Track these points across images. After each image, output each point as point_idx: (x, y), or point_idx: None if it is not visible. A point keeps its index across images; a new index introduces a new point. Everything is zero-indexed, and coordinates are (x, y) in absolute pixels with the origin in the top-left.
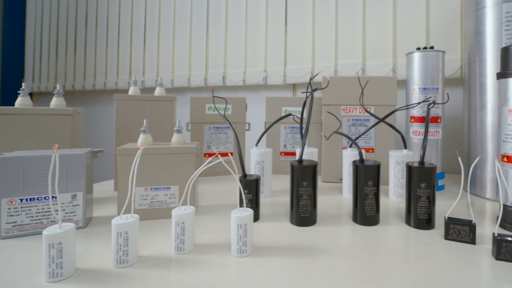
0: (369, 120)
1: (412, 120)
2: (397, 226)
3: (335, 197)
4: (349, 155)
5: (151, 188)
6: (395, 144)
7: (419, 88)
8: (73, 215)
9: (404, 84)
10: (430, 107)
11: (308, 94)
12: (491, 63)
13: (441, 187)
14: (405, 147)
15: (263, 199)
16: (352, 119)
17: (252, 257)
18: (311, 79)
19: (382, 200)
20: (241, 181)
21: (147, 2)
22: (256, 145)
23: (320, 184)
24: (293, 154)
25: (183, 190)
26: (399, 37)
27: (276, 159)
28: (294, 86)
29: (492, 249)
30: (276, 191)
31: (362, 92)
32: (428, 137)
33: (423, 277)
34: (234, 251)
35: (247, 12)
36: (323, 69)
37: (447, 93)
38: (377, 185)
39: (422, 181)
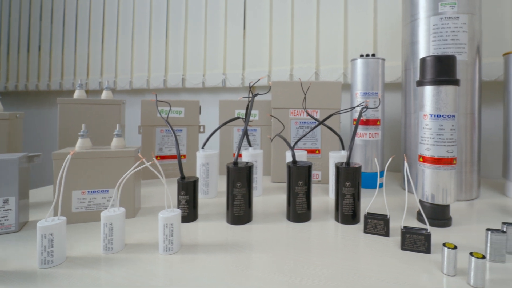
0: (315, 123)
1: (355, 123)
2: (326, 222)
3: (279, 196)
4: (291, 157)
5: (89, 191)
6: (340, 145)
7: (361, 93)
8: (5, 220)
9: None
10: (363, 111)
11: (250, 98)
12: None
13: (381, 185)
14: (343, 148)
15: (207, 200)
16: (300, 122)
17: (178, 255)
18: (250, 86)
19: (323, 198)
20: (179, 183)
21: (106, 2)
22: (202, 148)
23: (269, 184)
24: None
25: (121, 193)
26: (350, 44)
27: (229, 160)
28: (253, 89)
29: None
30: (223, 192)
31: (305, 96)
32: (369, 139)
33: (333, 267)
34: (161, 249)
35: (207, 15)
36: (280, 72)
37: (379, 98)
38: (307, 184)
39: (347, 180)
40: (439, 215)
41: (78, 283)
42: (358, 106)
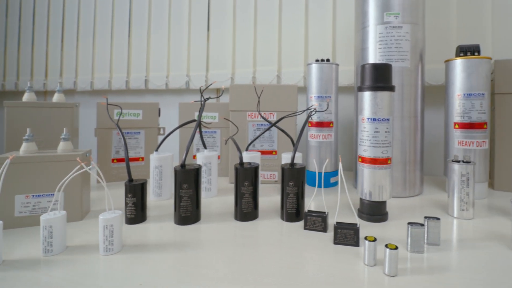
0: (268, 125)
1: (310, 125)
2: (272, 220)
3: (233, 197)
4: (246, 158)
5: (33, 196)
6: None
7: (315, 96)
8: None
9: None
10: (311, 114)
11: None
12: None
13: (334, 184)
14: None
15: (161, 202)
16: (257, 124)
17: (120, 255)
18: (201, 91)
19: (276, 198)
20: (126, 185)
21: (65, 1)
22: (156, 151)
23: (227, 185)
24: None
25: (67, 197)
26: (310, 48)
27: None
28: (217, 91)
29: None
30: None
31: (259, 100)
32: (322, 140)
33: (272, 262)
34: (101, 250)
35: (170, 16)
36: (243, 74)
37: (328, 102)
38: (254, 185)
39: (291, 180)
40: (376, 211)
41: (14, 286)
42: (307, 109)
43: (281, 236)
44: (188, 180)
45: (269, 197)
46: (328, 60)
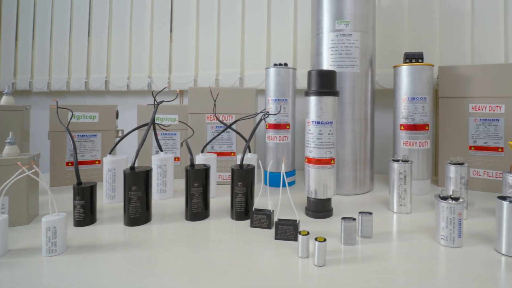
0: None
1: (267, 126)
2: (222, 220)
3: None
4: (201, 159)
5: None
6: (254, 148)
7: (272, 99)
8: None
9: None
10: (264, 117)
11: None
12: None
13: (292, 183)
14: (249, 151)
15: (114, 204)
16: (216, 126)
17: (63, 256)
18: (154, 94)
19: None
20: (74, 188)
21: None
22: (110, 153)
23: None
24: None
25: (12, 201)
26: (273, 51)
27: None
28: (181, 93)
29: None
30: None
31: (215, 103)
32: (279, 141)
33: (217, 259)
34: (44, 252)
35: (132, 16)
36: (206, 77)
37: (280, 105)
38: (204, 186)
39: (239, 180)
40: (321, 208)
41: None
42: (260, 112)
43: (229, 234)
44: (137, 182)
45: (225, 197)
46: (285, 64)
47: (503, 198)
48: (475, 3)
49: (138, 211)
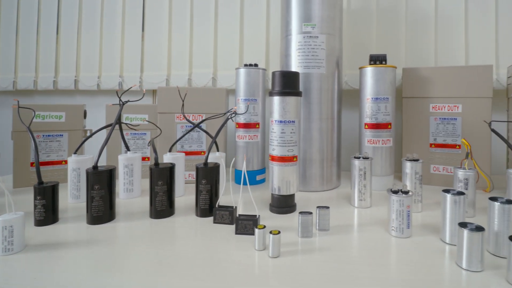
0: (200, 126)
1: (237, 126)
2: (187, 217)
3: None
4: (169, 159)
5: None
6: (225, 147)
7: (242, 99)
8: None
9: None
10: (231, 117)
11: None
12: None
13: (262, 181)
14: (217, 150)
15: (79, 204)
16: (186, 126)
17: (20, 254)
18: (118, 94)
19: None
20: (35, 188)
21: None
22: (75, 153)
23: None
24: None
25: None
26: (246, 51)
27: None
28: (154, 92)
29: None
30: None
31: (183, 103)
32: (249, 140)
33: (178, 255)
34: (0, 251)
35: (103, 14)
36: (178, 76)
37: (248, 105)
38: (168, 184)
39: (203, 178)
40: (283, 203)
41: None
42: (227, 112)
43: (192, 230)
44: (99, 181)
45: (193, 195)
46: (256, 65)
47: (447, 191)
48: (439, 9)
49: (101, 209)
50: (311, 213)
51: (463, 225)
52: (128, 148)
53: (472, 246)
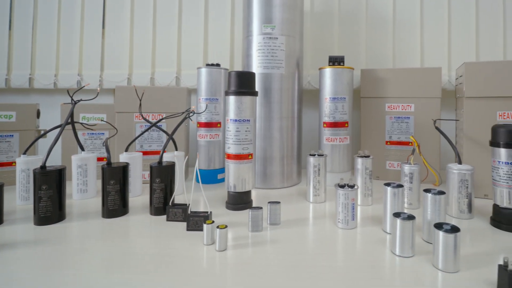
0: (161, 125)
1: (198, 125)
2: (140, 216)
3: None
4: (125, 158)
5: None
6: (186, 146)
7: (203, 98)
8: None
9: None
10: (188, 116)
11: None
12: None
13: (222, 180)
14: (176, 149)
15: (27, 205)
16: (145, 125)
17: None
18: (70, 93)
19: None
20: None
21: None
22: (24, 153)
23: None
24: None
25: None
26: (210, 51)
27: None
28: (113, 91)
29: None
30: None
31: (140, 103)
32: (210, 140)
33: (126, 251)
34: None
35: (60, 9)
36: (141, 76)
37: (207, 105)
38: (120, 183)
39: (157, 177)
40: (238, 200)
41: None
42: (186, 111)
43: (144, 228)
44: (47, 181)
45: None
46: (218, 64)
47: (388, 184)
48: (396, 14)
49: (49, 210)
50: (261, 208)
51: (397, 215)
52: (82, 148)
53: (404, 234)
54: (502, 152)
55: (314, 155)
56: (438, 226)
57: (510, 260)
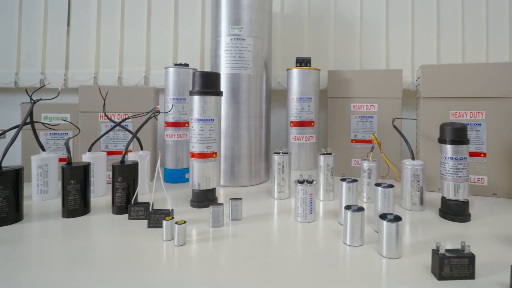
0: (127, 125)
1: (166, 125)
2: (102, 215)
3: None
4: (88, 158)
5: None
6: (154, 146)
7: (170, 98)
8: None
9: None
10: (154, 115)
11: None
12: (223, 82)
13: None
14: (141, 149)
15: None
16: (110, 125)
17: None
18: (28, 93)
19: None
20: None
21: None
22: None
23: None
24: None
25: None
26: (180, 51)
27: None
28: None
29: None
30: None
31: (104, 102)
32: (177, 139)
33: (87, 248)
34: None
35: (22, 7)
36: (108, 75)
37: (172, 104)
38: (81, 183)
39: (119, 176)
40: (202, 198)
41: None
42: (151, 111)
43: (105, 227)
44: (3, 182)
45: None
46: (186, 64)
47: (343, 179)
48: (363, 18)
49: (4, 210)
50: (222, 204)
51: (348, 207)
52: (43, 148)
53: (354, 225)
54: (448, 148)
55: (278, 153)
56: (383, 216)
57: (443, 245)
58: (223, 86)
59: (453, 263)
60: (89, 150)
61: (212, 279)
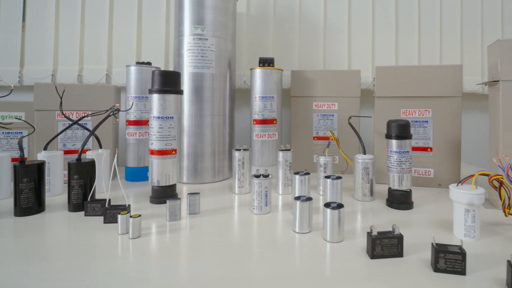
0: (85, 124)
1: (127, 123)
2: (57, 213)
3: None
4: (43, 157)
5: None
6: (115, 144)
7: (132, 96)
8: None
9: None
10: (113, 113)
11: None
12: (186, 81)
13: None
14: (100, 147)
15: None
16: (68, 123)
17: None
18: None
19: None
20: None
21: None
22: None
23: None
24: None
25: None
26: (143, 49)
27: None
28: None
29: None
30: None
31: (61, 100)
32: (139, 137)
33: (41, 245)
34: None
35: None
36: (67, 72)
37: (133, 103)
38: (35, 181)
39: (75, 174)
40: (162, 194)
41: None
42: (110, 109)
43: (61, 224)
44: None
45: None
46: (149, 63)
47: (297, 173)
48: (327, 20)
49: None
50: (179, 198)
51: (297, 198)
52: None
53: (303, 213)
54: (393, 143)
55: (239, 149)
56: (327, 204)
57: (375, 228)
58: (186, 85)
59: (384, 243)
60: (45, 148)
61: (168, 267)
